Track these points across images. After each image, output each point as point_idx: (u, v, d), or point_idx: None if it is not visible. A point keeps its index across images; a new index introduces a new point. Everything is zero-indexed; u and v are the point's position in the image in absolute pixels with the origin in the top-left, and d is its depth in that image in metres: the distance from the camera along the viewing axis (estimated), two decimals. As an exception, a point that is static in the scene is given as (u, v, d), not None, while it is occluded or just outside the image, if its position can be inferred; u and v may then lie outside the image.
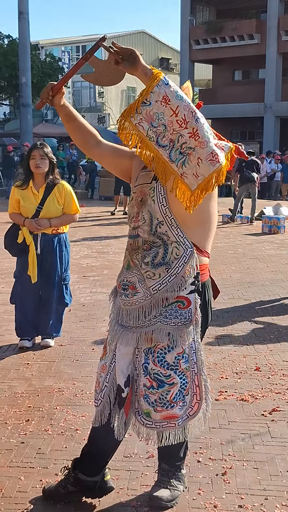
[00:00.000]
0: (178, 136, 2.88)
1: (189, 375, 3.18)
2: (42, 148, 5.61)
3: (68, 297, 5.98)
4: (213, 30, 36.76)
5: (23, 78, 22.44)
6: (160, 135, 2.89)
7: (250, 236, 13.19)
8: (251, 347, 5.86)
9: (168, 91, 2.88)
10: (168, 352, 3.17)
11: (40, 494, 3.42)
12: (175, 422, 3.18)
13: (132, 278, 3.24)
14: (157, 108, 2.87)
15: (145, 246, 3.18)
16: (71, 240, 12.02)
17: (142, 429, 3.25)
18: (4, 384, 4.99)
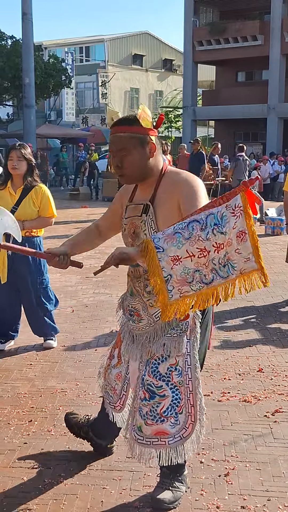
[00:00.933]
0: (210, 262, 2.76)
1: (183, 391, 3.18)
2: (19, 149, 5.52)
3: (49, 299, 5.85)
4: (216, 31, 36.74)
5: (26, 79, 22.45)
6: (203, 277, 2.77)
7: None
8: (253, 349, 5.86)
9: (168, 249, 2.75)
10: (161, 363, 3.20)
11: (43, 494, 3.44)
12: (166, 440, 3.18)
13: (136, 305, 3.31)
14: (178, 268, 2.76)
15: (147, 275, 3.09)
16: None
17: (135, 446, 3.26)
18: (7, 385, 5.00)
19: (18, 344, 5.94)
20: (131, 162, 3.10)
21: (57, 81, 32.43)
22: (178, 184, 3.13)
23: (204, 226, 2.73)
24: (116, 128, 3.11)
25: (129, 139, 3.07)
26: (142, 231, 3.17)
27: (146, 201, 3.18)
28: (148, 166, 3.15)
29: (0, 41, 31.31)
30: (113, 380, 3.56)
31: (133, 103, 50.73)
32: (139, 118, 3.05)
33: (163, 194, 3.15)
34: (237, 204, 2.73)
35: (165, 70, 53.33)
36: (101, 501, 3.38)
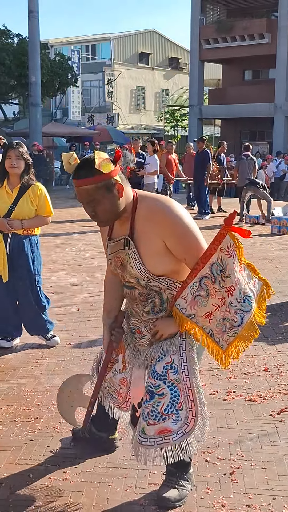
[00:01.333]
0: (229, 305, 3.09)
1: (181, 388, 3.20)
2: (18, 148, 5.50)
3: (44, 299, 5.88)
4: (223, 29, 36.67)
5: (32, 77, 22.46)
6: (233, 322, 3.12)
7: (259, 236, 13.17)
8: (259, 348, 5.86)
9: (198, 311, 3.12)
10: (157, 363, 3.25)
11: (48, 491, 3.45)
12: (170, 437, 3.20)
13: (137, 323, 3.39)
14: (213, 322, 3.13)
15: (141, 297, 3.30)
16: (79, 240, 12.07)
17: (140, 449, 3.28)
18: (13, 382, 5.01)
19: (23, 342, 5.96)
20: (103, 210, 3.10)
21: (63, 79, 32.42)
22: (156, 215, 3.11)
23: (214, 278, 3.03)
24: (80, 182, 3.04)
25: (95, 190, 3.03)
26: (128, 264, 3.21)
27: (125, 236, 3.20)
28: (120, 206, 3.13)
29: (7, 39, 31.32)
30: (118, 384, 3.62)
31: (139, 101, 50.71)
32: (98, 168, 2.98)
33: (141, 225, 3.15)
34: (229, 244, 3.03)
35: (171, 69, 53.26)
36: (107, 498, 3.39)
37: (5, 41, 30.97)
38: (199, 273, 3.05)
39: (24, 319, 5.85)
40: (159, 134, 45.13)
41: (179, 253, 3.14)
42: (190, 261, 3.12)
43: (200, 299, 3.07)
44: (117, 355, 3.61)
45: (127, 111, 48.49)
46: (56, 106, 41.84)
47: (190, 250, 3.12)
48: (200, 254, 3.09)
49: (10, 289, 5.69)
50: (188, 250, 3.12)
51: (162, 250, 3.12)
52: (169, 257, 3.15)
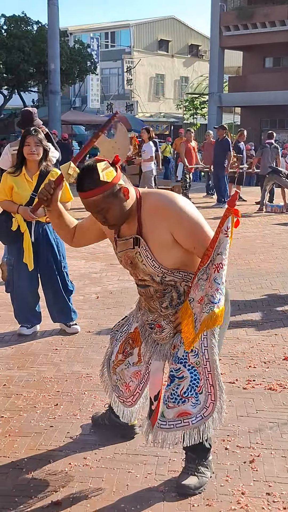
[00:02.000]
0: (213, 281, 3.06)
1: (201, 371, 3.20)
2: (36, 135, 5.50)
3: (70, 284, 5.92)
4: (244, 16, 36.35)
5: (52, 64, 22.46)
6: (211, 298, 3.06)
7: (279, 226, 13.12)
8: (279, 337, 5.85)
9: (195, 296, 3.15)
10: (179, 348, 3.26)
11: (69, 477, 3.47)
12: (189, 420, 3.19)
13: (156, 318, 3.40)
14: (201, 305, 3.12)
15: (158, 294, 3.33)
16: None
17: (158, 433, 3.28)
18: (33, 369, 5.05)
19: (43, 329, 5.99)
20: (114, 215, 3.10)
21: (83, 67, 32.38)
22: (161, 210, 3.13)
23: (213, 259, 3.06)
24: (86, 194, 3.03)
25: (103, 199, 3.03)
26: (140, 262, 3.23)
27: (134, 235, 3.20)
28: (128, 208, 3.14)
29: (26, 27, 31.29)
30: (129, 376, 3.62)
31: (158, 89, 50.51)
32: (103, 179, 2.98)
33: (147, 222, 3.16)
34: (228, 226, 3.05)
35: (191, 56, 52.95)
36: (127, 484, 3.41)
37: (24, 29, 30.95)
38: (210, 258, 3.07)
39: (50, 306, 5.87)
40: (178, 122, 44.98)
41: (187, 244, 3.16)
42: (200, 250, 3.15)
43: (201, 282, 3.10)
44: (131, 348, 3.61)
45: (146, 99, 48.32)
46: (75, 94, 41.82)
47: (198, 239, 3.14)
48: (208, 240, 3.12)
49: (33, 277, 5.71)
50: (196, 239, 3.14)
51: (171, 243, 3.15)
52: (179, 249, 3.17)
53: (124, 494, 3.33)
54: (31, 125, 7.52)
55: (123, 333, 3.71)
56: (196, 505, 3.23)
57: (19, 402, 4.44)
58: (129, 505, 3.22)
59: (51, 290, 5.79)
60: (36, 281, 5.79)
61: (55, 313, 5.90)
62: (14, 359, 5.26)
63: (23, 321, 5.88)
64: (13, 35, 29.75)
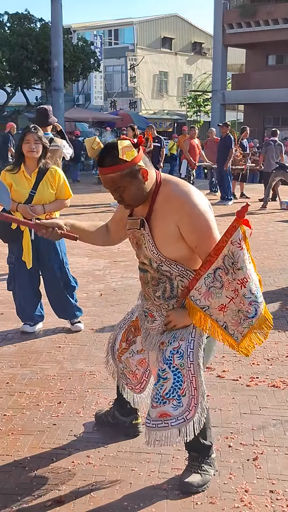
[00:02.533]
0: (243, 297, 3.08)
1: (185, 373, 3.21)
2: (36, 133, 5.47)
3: (73, 279, 5.92)
4: (247, 14, 36.29)
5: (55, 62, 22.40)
6: (247, 313, 3.12)
7: (282, 222, 13.09)
8: (282, 334, 5.83)
9: (212, 303, 3.12)
10: (167, 347, 3.27)
11: (72, 475, 3.47)
12: (168, 422, 3.20)
13: (150, 307, 3.41)
14: (228, 314, 3.13)
15: (153, 281, 3.33)
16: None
17: (146, 430, 3.29)
18: (36, 367, 5.04)
19: (46, 327, 5.98)
20: (130, 195, 3.11)
21: (86, 64, 32.30)
22: (173, 200, 3.12)
23: (227, 270, 3.03)
24: (105, 170, 3.05)
25: (121, 177, 3.04)
26: (143, 244, 3.24)
27: (142, 217, 3.21)
28: (146, 189, 3.14)
29: (29, 24, 31.21)
30: (134, 365, 3.65)
31: (161, 86, 50.44)
32: (122, 157, 3.00)
33: (158, 209, 3.16)
34: (240, 237, 3.02)
35: (194, 53, 52.87)
36: (130, 482, 3.40)
37: (27, 26, 30.88)
38: (213, 264, 3.05)
39: (53, 303, 5.87)
40: (182, 119, 44.94)
41: (191, 240, 3.14)
42: (201, 250, 3.13)
43: (215, 291, 3.07)
44: (134, 336, 3.61)
45: (149, 96, 48.26)
46: (79, 91, 41.79)
47: (202, 239, 3.11)
48: (212, 244, 3.09)
49: (33, 275, 5.71)
50: (200, 238, 3.12)
51: (175, 235, 3.13)
52: (182, 243, 3.16)
53: (127, 492, 3.32)
54: (47, 122, 7.72)
55: (126, 321, 3.73)
56: (199, 503, 3.23)
57: (22, 400, 4.44)
58: (132, 503, 3.22)
59: (53, 288, 5.79)
60: (37, 279, 5.79)
61: (58, 310, 5.90)
62: (17, 357, 5.26)
63: (25, 319, 5.87)
64: (16, 33, 29.69)
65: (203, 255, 3.11)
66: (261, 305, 3.12)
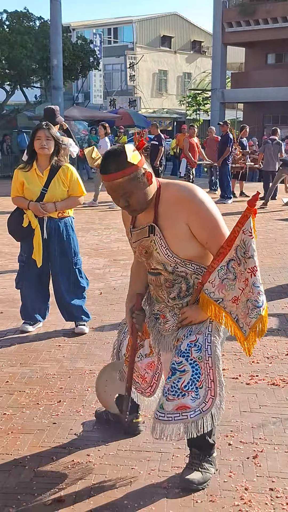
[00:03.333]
0: (252, 286, 3.11)
1: (202, 366, 3.22)
2: (48, 129, 5.41)
3: (84, 280, 5.88)
4: (246, 12, 36.27)
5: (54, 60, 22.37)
6: (255, 302, 3.13)
7: (282, 221, 13.10)
8: (282, 332, 5.84)
9: (226, 296, 3.14)
10: (183, 342, 3.27)
11: (72, 474, 3.47)
12: (187, 414, 3.21)
13: (162, 309, 3.41)
14: (240, 306, 3.16)
15: (167, 284, 3.32)
16: (102, 224, 12.07)
17: (156, 424, 3.28)
18: (36, 366, 5.04)
19: (46, 326, 5.98)
20: (137, 200, 3.11)
21: (85, 62, 32.26)
22: (180, 200, 3.14)
23: (239, 261, 3.06)
24: (112, 176, 3.03)
25: (128, 182, 3.04)
26: (154, 250, 3.23)
27: (150, 223, 3.21)
28: (151, 193, 3.15)
29: (28, 22, 31.16)
30: (143, 368, 3.64)
31: (161, 85, 50.42)
32: (131, 161, 3.01)
33: (165, 211, 3.17)
34: (251, 226, 3.05)
35: (193, 52, 52.85)
36: (130, 481, 3.40)
37: (26, 24, 30.83)
38: (226, 256, 3.07)
39: (59, 304, 5.82)
40: (181, 118, 44.94)
41: (202, 237, 3.16)
42: (212, 245, 3.16)
43: (228, 282, 3.09)
44: (142, 340, 3.61)
45: (149, 94, 48.24)
46: (78, 90, 41.76)
47: (212, 234, 3.15)
48: (222, 238, 3.12)
49: (43, 275, 5.69)
50: (211, 234, 3.15)
51: (187, 234, 3.15)
52: (194, 241, 3.18)
53: (127, 491, 3.32)
54: (54, 121, 7.73)
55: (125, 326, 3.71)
56: (200, 501, 3.23)
57: (21, 399, 4.44)
58: (132, 502, 3.22)
59: (60, 289, 5.74)
60: (47, 281, 5.76)
61: (64, 311, 5.85)
62: (16, 356, 5.26)
63: (26, 318, 5.86)
64: (15, 31, 29.65)
65: (215, 250, 3.14)
66: (265, 298, 3.16)
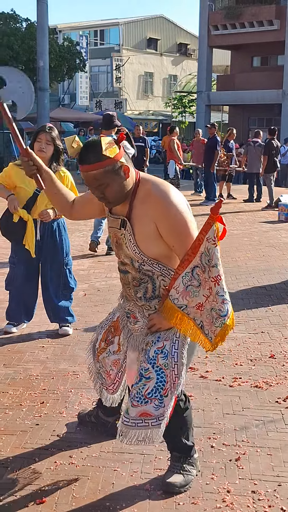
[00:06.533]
0: (216, 295, 3.08)
1: (168, 374, 3.21)
2: (50, 133, 5.40)
3: (73, 281, 5.87)
4: (232, 15, 36.36)
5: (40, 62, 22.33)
6: (219, 311, 3.09)
7: (266, 223, 13.14)
8: (265, 335, 5.86)
9: (190, 302, 3.11)
10: (151, 347, 3.26)
11: (54, 475, 3.46)
12: (149, 421, 3.21)
13: (132, 308, 3.41)
14: (204, 313, 3.14)
15: (134, 282, 3.32)
16: (87, 225, 12.04)
17: (122, 428, 3.29)
18: (19, 367, 5.02)
19: (30, 327, 5.96)
20: (112, 192, 3.11)
21: (71, 64, 32.29)
22: (151, 198, 3.13)
23: (204, 268, 3.04)
24: (87, 167, 3.04)
25: (103, 174, 3.04)
26: (123, 243, 3.24)
27: (123, 216, 3.20)
28: (128, 187, 3.14)
29: (15, 24, 31.17)
30: (109, 365, 3.64)
31: (147, 87, 50.48)
32: (105, 153, 3.01)
33: (137, 207, 3.17)
34: (214, 234, 3.02)
35: (179, 55, 52.95)
36: (112, 483, 3.40)
37: (13, 26, 30.83)
38: (191, 263, 3.05)
39: (47, 304, 5.79)
40: (167, 120, 44.98)
41: (169, 239, 3.14)
42: (179, 249, 3.13)
43: (192, 289, 3.07)
44: (113, 336, 3.61)
45: (135, 96, 48.29)
46: (64, 91, 41.71)
47: (180, 238, 3.12)
48: (189, 243, 3.09)
49: (32, 275, 5.67)
50: (178, 237, 3.12)
51: (154, 233, 3.14)
52: (161, 242, 3.16)
53: (109, 492, 3.32)
54: (111, 126, 8.67)
55: (108, 321, 3.72)
56: (182, 504, 3.23)
57: (4, 400, 4.42)
58: (115, 503, 3.22)
59: (49, 290, 5.72)
60: (36, 281, 5.74)
61: (50, 312, 5.83)
62: (0, 357, 5.24)
63: (12, 319, 5.84)
64: (1, 32, 29.62)
65: (181, 255, 3.12)
66: (230, 304, 3.12)
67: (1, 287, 6.16)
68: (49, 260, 5.62)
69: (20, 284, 5.68)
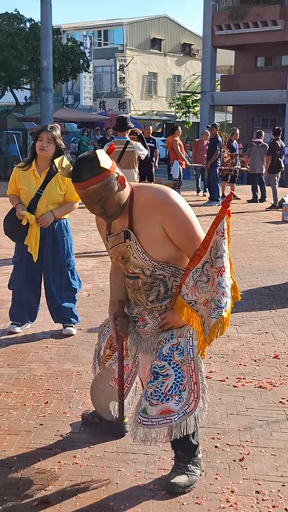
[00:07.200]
0: (217, 286, 3.04)
1: (185, 369, 3.23)
2: (51, 132, 5.39)
3: (76, 282, 5.85)
4: (236, 15, 36.37)
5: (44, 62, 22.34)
6: (218, 303, 3.04)
7: (270, 224, 13.14)
8: (269, 335, 5.85)
9: (199, 298, 3.11)
10: (164, 345, 3.27)
11: (58, 475, 3.46)
12: (171, 417, 3.22)
13: (141, 312, 3.39)
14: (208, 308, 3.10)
15: (145, 287, 3.31)
16: (90, 226, 12.05)
17: (139, 430, 3.30)
18: (23, 367, 5.03)
19: (34, 327, 5.97)
20: (112, 205, 3.08)
21: (75, 64, 32.28)
22: (154, 203, 3.13)
23: (212, 262, 3.04)
24: (86, 183, 2.99)
25: (102, 187, 3.01)
26: (131, 255, 3.22)
27: (125, 228, 3.19)
28: (125, 197, 3.13)
29: (19, 24, 31.16)
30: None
31: (150, 87, 50.48)
32: (103, 166, 2.98)
33: (139, 215, 3.16)
34: (224, 227, 3.03)
35: (183, 55, 52.95)
36: (116, 483, 3.40)
37: (17, 26, 30.82)
38: (202, 258, 3.06)
39: (51, 305, 5.79)
40: (171, 120, 45.00)
41: (177, 239, 3.16)
42: (188, 247, 3.16)
43: (201, 285, 3.07)
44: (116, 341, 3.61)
45: (138, 97, 48.30)
46: (68, 92, 41.72)
47: (188, 237, 3.15)
48: (197, 241, 3.12)
49: (35, 276, 5.67)
50: (186, 236, 3.15)
51: (162, 236, 3.15)
52: (170, 243, 3.18)
53: (113, 492, 3.32)
54: (124, 127, 9.04)
55: (109, 328, 3.70)
56: (186, 504, 3.23)
57: (8, 400, 4.42)
58: (119, 504, 3.21)
59: (51, 290, 5.72)
60: (39, 281, 5.74)
61: (53, 312, 5.83)
62: (4, 357, 5.24)
63: (15, 319, 5.85)
64: (5, 32, 29.62)
65: (191, 253, 3.14)
66: (230, 300, 3.07)
67: (5, 287, 6.17)
68: (50, 260, 5.62)
69: (22, 284, 5.68)
